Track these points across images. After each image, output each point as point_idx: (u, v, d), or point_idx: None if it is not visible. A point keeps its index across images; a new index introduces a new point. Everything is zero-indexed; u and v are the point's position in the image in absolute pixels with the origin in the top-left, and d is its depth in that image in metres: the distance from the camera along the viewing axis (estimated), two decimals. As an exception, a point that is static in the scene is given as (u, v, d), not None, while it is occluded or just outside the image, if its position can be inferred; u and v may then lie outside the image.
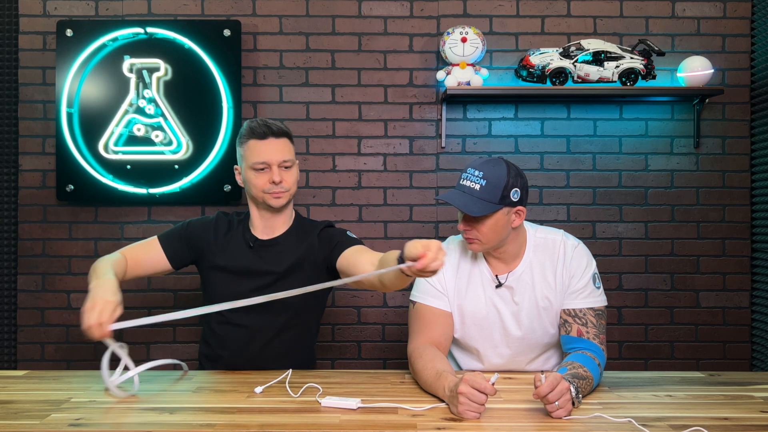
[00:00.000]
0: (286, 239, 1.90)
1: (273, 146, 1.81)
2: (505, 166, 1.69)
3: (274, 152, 1.81)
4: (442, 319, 1.77)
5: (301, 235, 1.91)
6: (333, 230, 1.93)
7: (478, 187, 1.66)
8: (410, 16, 2.69)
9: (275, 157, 1.81)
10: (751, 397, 1.56)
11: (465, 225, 1.70)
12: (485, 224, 1.68)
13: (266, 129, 1.81)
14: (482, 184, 1.66)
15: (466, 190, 1.68)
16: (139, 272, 1.89)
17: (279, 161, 1.81)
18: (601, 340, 1.69)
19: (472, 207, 1.65)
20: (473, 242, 1.72)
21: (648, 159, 2.71)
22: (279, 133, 1.83)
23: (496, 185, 1.66)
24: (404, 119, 2.70)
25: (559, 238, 1.78)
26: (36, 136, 2.67)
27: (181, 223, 1.97)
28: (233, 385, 1.64)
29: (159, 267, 1.91)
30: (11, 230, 2.69)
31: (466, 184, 1.69)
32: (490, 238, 1.70)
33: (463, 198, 1.67)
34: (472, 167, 1.71)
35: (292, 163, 1.85)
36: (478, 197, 1.66)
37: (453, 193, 1.70)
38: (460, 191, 1.69)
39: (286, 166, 1.83)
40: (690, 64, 2.56)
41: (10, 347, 2.68)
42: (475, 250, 1.75)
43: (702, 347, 2.71)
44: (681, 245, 2.71)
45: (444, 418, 1.39)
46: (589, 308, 1.72)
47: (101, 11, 2.67)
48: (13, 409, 1.45)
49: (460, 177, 1.73)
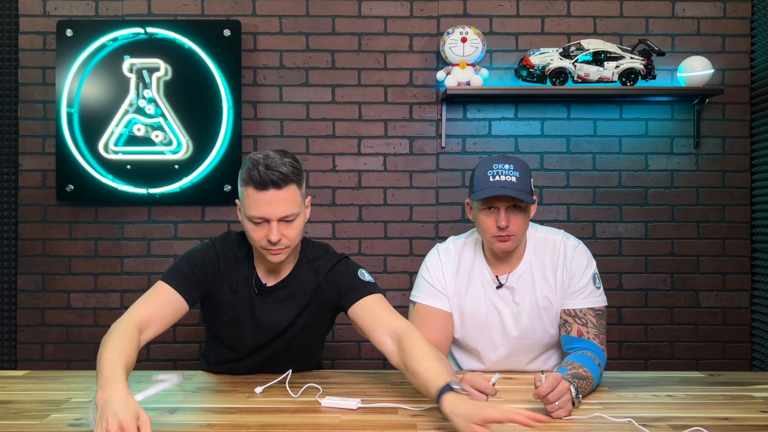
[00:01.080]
0: (292, 281, 1.70)
1: (273, 199, 1.53)
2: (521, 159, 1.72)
3: (274, 207, 1.54)
4: (442, 320, 1.77)
5: (309, 273, 1.71)
6: (343, 269, 1.70)
7: (515, 179, 1.63)
8: (410, 16, 2.69)
9: (274, 213, 1.54)
10: (751, 397, 1.56)
11: (506, 220, 1.65)
12: (523, 217, 1.67)
13: (266, 179, 1.52)
14: (517, 176, 1.64)
15: (506, 184, 1.63)
16: (158, 332, 1.58)
17: (279, 217, 1.55)
18: (601, 341, 1.69)
19: (526, 197, 1.63)
20: (509, 239, 1.67)
21: (648, 159, 2.71)
22: (282, 182, 1.53)
23: (527, 175, 1.68)
24: (404, 119, 2.70)
25: (559, 239, 1.78)
26: (36, 136, 2.68)
27: (181, 259, 1.69)
28: (233, 385, 1.64)
29: (178, 315, 1.63)
30: (11, 230, 2.69)
31: (502, 179, 1.63)
32: (523, 232, 1.70)
33: (511, 191, 1.62)
34: (498, 163, 1.66)
35: (296, 216, 1.58)
36: (519, 189, 1.63)
37: (497, 190, 1.63)
38: (501, 186, 1.63)
39: (288, 221, 1.57)
40: (690, 64, 2.56)
41: (10, 347, 2.68)
42: (507, 249, 1.70)
43: (702, 347, 2.71)
44: (681, 245, 2.71)
45: (444, 418, 1.39)
46: (589, 308, 1.72)
47: (101, 11, 2.67)
48: (13, 409, 1.45)
49: (485, 176, 1.66)
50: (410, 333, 1.51)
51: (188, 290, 1.63)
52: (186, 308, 1.63)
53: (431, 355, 1.44)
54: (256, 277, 1.69)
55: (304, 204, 1.63)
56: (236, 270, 1.70)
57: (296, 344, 1.75)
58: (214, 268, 1.68)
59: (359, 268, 1.71)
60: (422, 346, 1.46)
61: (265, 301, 1.69)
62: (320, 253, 1.74)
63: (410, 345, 1.47)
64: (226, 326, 1.73)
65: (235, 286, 1.69)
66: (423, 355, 1.43)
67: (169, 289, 1.61)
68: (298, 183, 1.59)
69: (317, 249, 1.76)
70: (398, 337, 1.52)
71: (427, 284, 1.79)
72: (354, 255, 2.69)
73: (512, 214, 1.65)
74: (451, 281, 1.78)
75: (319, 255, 1.74)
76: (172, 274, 1.64)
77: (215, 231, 2.67)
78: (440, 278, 1.78)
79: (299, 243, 1.67)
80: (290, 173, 1.55)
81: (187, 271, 1.65)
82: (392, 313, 1.61)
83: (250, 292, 1.69)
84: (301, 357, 1.79)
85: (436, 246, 1.85)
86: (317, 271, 1.71)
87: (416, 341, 1.48)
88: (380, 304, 1.63)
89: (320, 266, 1.71)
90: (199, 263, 1.67)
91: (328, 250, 1.78)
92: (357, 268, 1.71)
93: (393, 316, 1.60)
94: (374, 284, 1.70)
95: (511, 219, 1.65)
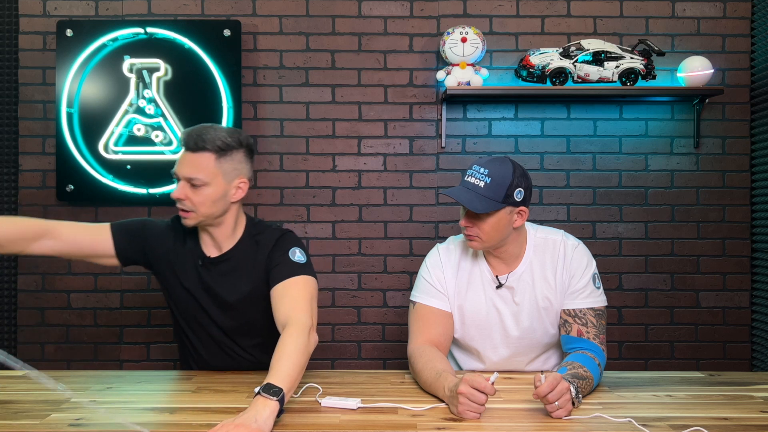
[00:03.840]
0: (234, 255, 1.75)
1: (186, 160, 1.66)
2: (511, 166, 1.68)
3: (182, 167, 1.65)
4: (442, 320, 1.77)
5: (250, 247, 1.76)
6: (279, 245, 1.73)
7: (483, 185, 1.65)
8: (410, 16, 2.69)
9: (182, 172, 1.65)
10: (751, 397, 1.56)
11: (467, 222, 1.69)
12: (487, 222, 1.67)
13: (187, 140, 1.65)
14: (487, 181, 1.65)
15: (471, 186, 1.67)
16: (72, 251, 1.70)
17: (185, 176, 1.65)
18: (601, 340, 1.69)
19: (476, 204, 1.64)
20: (474, 240, 1.70)
21: (648, 159, 2.71)
22: (195, 147, 1.64)
23: (500, 184, 1.65)
24: (404, 119, 2.70)
25: (559, 239, 1.78)
26: (36, 136, 2.67)
27: (137, 220, 1.81)
28: (233, 385, 1.64)
29: (100, 253, 1.74)
30: (11, 230, 2.68)
31: (471, 181, 1.67)
32: (491, 237, 1.69)
33: (467, 194, 1.66)
34: (477, 164, 1.69)
35: (203, 183, 1.64)
36: (482, 194, 1.65)
37: (457, 190, 1.69)
38: (465, 188, 1.68)
39: (194, 185, 1.64)
40: (690, 64, 2.56)
41: (10, 347, 2.68)
42: (475, 248, 1.74)
43: (702, 347, 2.71)
44: (681, 245, 2.71)
45: (444, 418, 1.39)
46: (589, 308, 1.72)
47: (101, 11, 2.67)
48: (13, 409, 1.45)
49: (464, 173, 1.71)
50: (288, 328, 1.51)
51: (126, 248, 1.75)
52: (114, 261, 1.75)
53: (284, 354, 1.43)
54: (200, 249, 1.76)
55: (224, 179, 1.66)
56: (185, 242, 1.78)
57: (249, 316, 1.77)
58: (160, 237, 1.78)
59: (294, 246, 1.72)
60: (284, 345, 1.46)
61: (210, 272, 1.75)
62: (263, 228, 1.79)
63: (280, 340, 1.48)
64: (182, 299, 1.78)
65: (183, 258, 1.77)
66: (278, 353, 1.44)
67: (108, 234, 1.74)
68: (218, 154, 1.64)
69: (261, 225, 1.81)
70: (284, 327, 1.53)
71: (427, 284, 1.79)
72: (354, 255, 2.70)
73: (473, 217, 1.68)
74: (451, 281, 1.78)
75: (261, 230, 1.78)
76: (120, 225, 1.77)
77: (215, 231, 2.67)
78: (440, 278, 1.78)
79: (212, 214, 1.68)
80: (210, 142, 1.63)
81: (138, 232, 1.77)
82: (300, 300, 1.60)
83: (195, 263, 1.76)
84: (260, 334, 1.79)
85: (437, 246, 1.85)
86: (259, 244, 1.75)
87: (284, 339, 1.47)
88: (293, 291, 1.63)
89: (261, 240, 1.75)
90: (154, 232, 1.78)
91: (271, 226, 1.81)
92: (291, 246, 1.72)
93: (295, 306, 1.59)
94: (302, 265, 1.69)
95: (476, 222, 1.67)
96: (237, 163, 1.69)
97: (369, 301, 2.71)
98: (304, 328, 1.51)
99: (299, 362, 1.44)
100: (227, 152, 1.66)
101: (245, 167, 1.72)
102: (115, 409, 1.45)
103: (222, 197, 1.68)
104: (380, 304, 2.71)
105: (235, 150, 1.68)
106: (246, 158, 1.72)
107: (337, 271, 2.70)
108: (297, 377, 1.42)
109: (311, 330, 1.54)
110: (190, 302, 1.77)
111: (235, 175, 1.69)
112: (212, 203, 1.66)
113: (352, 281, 2.70)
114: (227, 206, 1.70)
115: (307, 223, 2.70)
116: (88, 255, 1.75)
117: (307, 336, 1.50)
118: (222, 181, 1.66)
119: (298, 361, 1.43)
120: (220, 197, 1.67)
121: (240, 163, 1.70)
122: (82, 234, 1.72)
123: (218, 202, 1.67)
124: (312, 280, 1.68)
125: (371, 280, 2.71)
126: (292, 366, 1.41)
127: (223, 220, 1.72)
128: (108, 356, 2.69)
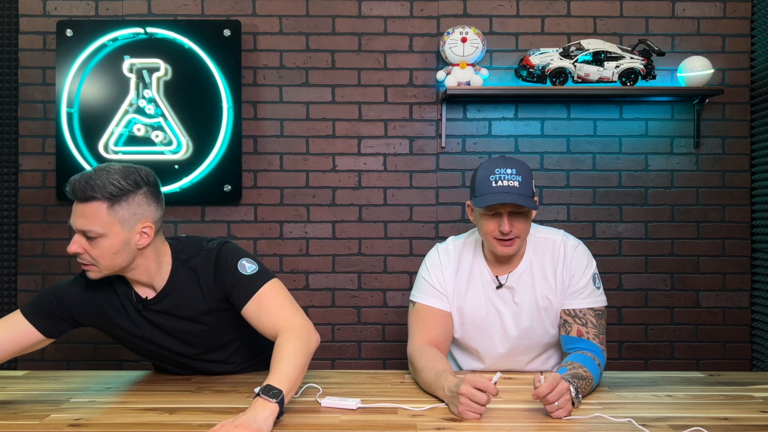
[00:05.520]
0: (172, 290, 1.62)
1: (76, 211, 1.49)
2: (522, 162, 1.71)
3: (75, 218, 1.50)
4: (442, 319, 1.77)
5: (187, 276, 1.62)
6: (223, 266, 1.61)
7: (517, 184, 1.63)
8: (410, 16, 2.69)
9: (75, 224, 1.50)
10: (751, 397, 1.56)
11: (510, 225, 1.65)
12: (526, 221, 1.67)
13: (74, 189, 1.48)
14: (519, 180, 1.64)
15: (509, 189, 1.63)
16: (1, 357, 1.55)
17: (78, 229, 1.50)
18: (601, 340, 1.69)
19: (530, 203, 1.63)
20: (512, 244, 1.67)
21: (648, 159, 2.71)
22: (83, 197, 1.47)
23: (529, 178, 1.66)
24: (404, 119, 2.70)
25: (559, 239, 1.78)
26: (36, 136, 2.67)
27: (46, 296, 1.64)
28: (233, 385, 1.64)
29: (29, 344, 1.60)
30: (11, 230, 2.68)
31: (505, 184, 1.63)
32: (526, 234, 1.70)
33: (515, 198, 1.62)
34: (499, 167, 1.65)
35: (98, 235, 1.48)
36: (523, 194, 1.63)
37: (500, 196, 1.63)
38: (504, 192, 1.63)
39: (89, 236, 1.48)
40: (690, 64, 2.56)
41: (10, 347, 2.68)
42: (509, 253, 1.69)
43: (702, 347, 2.71)
44: (681, 245, 2.71)
45: (444, 418, 1.39)
46: (589, 308, 1.72)
47: (101, 11, 2.67)
48: (13, 409, 1.45)
49: (487, 180, 1.65)
50: (283, 333, 1.49)
51: (49, 324, 1.61)
52: (39, 337, 1.60)
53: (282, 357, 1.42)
54: (135, 292, 1.62)
55: (123, 227, 1.50)
56: (114, 288, 1.64)
57: (213, 338, 1.69)
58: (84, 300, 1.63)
59: (239, 259, 1.61)
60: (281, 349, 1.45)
61: (154, 313, 1.62)
62: (194, 251, 1.64)
63: (276, 345, 1.47)
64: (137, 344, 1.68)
65: (120, 305, 1.64)
66: (276, 357, 1.44)
67: (22, 318, 1.59)
68: (111, 201, 1.47)
69: (190, 247, 1.65)
70: (278, 336, 1.51)
71: (427, 284, 1.79)
72: (354, 255, 2.70)
73: (515, 218, 1.65)
74: (450, 281, 1.78)
75: (193, 253, 1.63)
76: (31, 305, 1.62)
77: (215, 231, 2.67)
78: (440, 278, 1.78)
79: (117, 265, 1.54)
80: (99, 189, 1.46)
81: (50, 306, 1.62)
82: (277, 310, 1.56)
83: (134, 308, 1.63)
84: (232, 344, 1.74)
85: (436, 246, 1.85)
86: (196, 271, 1.61)
87: (280, 344, 1.47)
88: (265, 304, 1.57)
89: (197, 265, 1.62)
90: (61, 295, 1.63)
91: (202, 245, 1.66)
92: (236, 260, 1.61)
93: (274, 315, 1.55)
94: (257, 273, 1.60)
95: (514, 224, 1.65)
96: (136, 207, 1.51)
97: (369, 301, 2.71)
98: (300, 329, 1.50)
99: (299, 363, 1.43)
100: (121, 198, 1.48)
101: (148, 209, 1.54)
102: (117, 411, 1.45)
103: (124, 247, 1.51)
104: (380, 304, 2.71)
105: (132, 193, 1.50)
106: (148, 199, 1.54)
107: (337, 271, 2.70)
108: (297, 378, 1.41)
109: (311, 330, 1.53)
110: (147, 344, 1.67)
111: (136, 220, 1.51)
112: (113, 255, 1.51)
113: (352, 281, 2.70)
114: (134, 254, 1.54)
115: (307, 223, 2.70)
116: (19, 352, 1.59)
117: (306, 337, 1.49)
118: (121, 230, 1.49)
119: (297, 362, 1.43)
120: (121, 247, 1.51)
121: (140, 207, 1.52)
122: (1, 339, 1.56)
123: (120, 253, 1.51)
124: (276, 282, 1.61)
125: (371, 280, 2.71)
126: (292, 367, 1.41)
127: (137, 264, 1.57)
128: (108, 356, 2.69)
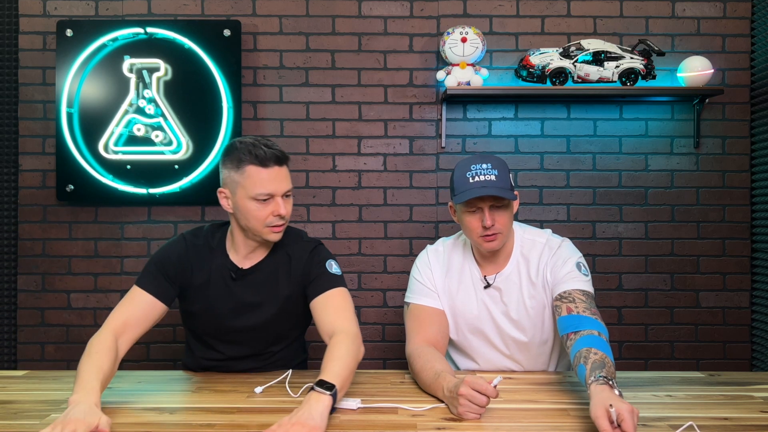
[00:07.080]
0: (267, 265, 1.74)
1: (280, 175, 1.63)
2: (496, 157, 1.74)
3: (280, 182, 1.63)
4: (437, 318, 1.78)
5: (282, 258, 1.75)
6: (314, 258, 1.74)
7: (494, 177, 1.66)
8: (410, 16, 2.69)
9: (280, 188, 1.63)
10: (751, 397, 1.56)
11: (491, 219, 1.67)
12: (507, 214, 1.69)
13: (271, 155, 1.61)
14: (496, 173, 1.67)
15: (486, 183, 1.65)
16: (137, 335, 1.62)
17: (284, 191, 1.65)
18: (592, 312, 1.60)
19: (509, 194, 1.66)
20: (496, 238, 1.69)
21: (648, 159, 2.71)
22: (283, 159, 1.64)
23: (505, 172, 1.70)
24: (404, 119, 2.70)
25: (544, 240, 1.79)
26: (36, 136, 2.67)
27: (151, 259, 1.75)
28: (233, 385, 1.64)
29: (155, 316, 1.67)
30: (11, 230, 2.68)
31: (482, 179, 1.66)
32: (508, 228, 1.71)
33: (492, 190, 1.64)
34: (475, 163, 1.68)
35: (292, 193, 1.70)
36: (501, 186, 1.66)
37: (478, 190, 1.65)
38: (483, 186, 1.65)
39: (287, 195, 1.67)
40: (690, 64, 2.56)
41: (10, 347, 2.68)
42: (495, 248, 1.71)
43: (702, 347, 2.71)
44: (681, 245, 2.71)
45: (444, 418, 1.39)
46: (575, 289, 1.67)
47: (101, 11, 2.67)
48: (13, 409, 1.45)
49: (464, 177, 1.68)
50: (337, 335, 1.55)
51: (161, 290, 1.69)
52: (163, 308, 1.68)
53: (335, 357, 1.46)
54: (231, 262, 1.74)
55: None
56: (209, 259, 1.74)
57: (272, 330, 1.78)
58: (183, 262, 1.73)
59: (329, 259, 1.74)
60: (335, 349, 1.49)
61: (241, 284, 1.73)
62: (293, 240, 1.78)
63: (330, 345, 1.52)
64: (203, 316, 1.76)
65: (209, 275, 1.74)
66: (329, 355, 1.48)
67: (142, 292, 1.67)
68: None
69: (291, 235, 1.79)
70: (331, 336, 1.56)
71: (418, 284, 1.82)
72: (354, 255, 2.70)
73: (496, 212, 1.68)
74: (440, 280, 1.80)
75: (292, 241, 1.77)
76: (144, 277, 1.71)
77: (215, 231, 2.67)
78: (429, 276, 1.81)
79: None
80: (285, 153, 1.66)
81: (157, 271, 1.71)
82: (343, 311, 1.64)
83: (225, 278, 1.73)
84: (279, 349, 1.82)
85: (426, 247, 1.90)
86: (291, 257, 1.74)
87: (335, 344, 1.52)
88: (335, 302, 1.66)
89: (294, 252, 1.75)
90: (168, 261, 1.72)
91: (302, 236, 1.81)
92: (327, 259, 1.74)
93: (339, 315, 1.63)
94: (340, 277, 1.73)
95: (496, 217, 1.68)
96: None
97: (369, 301, 2.71)
98: (355, 336, 1.56)
99: (350, 365, 1.47)
100: None
101: None
102: (117, 411, 1.45)
103: None
104: (380, 304, 2.71)
105: None
106: None
107: (337, 271, 2.70)
108: (347, 378, 1.45)
109: (361, 342, 1.58)
110: (212, 318, 1.76)
111: None
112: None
113: (352, 281, 2.70)
114: None
115: (307, 223, 2.70)
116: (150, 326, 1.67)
117: (359, 344, 1.56)
118: None
119: (348, 363, 1.47)
120: None
121: None
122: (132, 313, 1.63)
123: None
124: (348, 292, 1.72)
125: (371, 280, 2.71)
126: (343, 366, 1.44)
127: None
128: (108, 356, 2.69)
